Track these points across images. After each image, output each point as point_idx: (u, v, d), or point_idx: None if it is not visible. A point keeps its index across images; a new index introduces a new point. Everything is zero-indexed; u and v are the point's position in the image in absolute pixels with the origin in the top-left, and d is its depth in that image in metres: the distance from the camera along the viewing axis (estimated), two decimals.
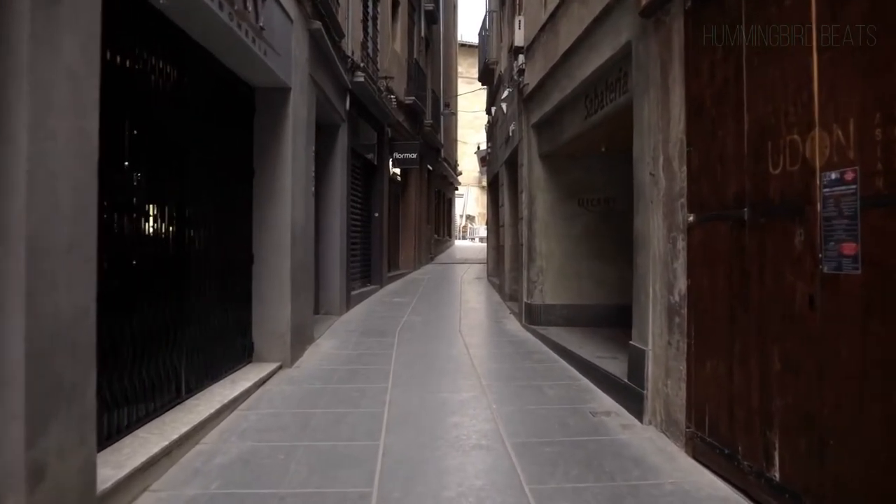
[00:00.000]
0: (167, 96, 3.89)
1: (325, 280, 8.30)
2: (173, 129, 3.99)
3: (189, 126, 4.22)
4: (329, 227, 8.31)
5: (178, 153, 4.08)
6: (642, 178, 4.04)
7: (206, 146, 4.55)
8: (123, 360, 3.33)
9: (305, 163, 6.10)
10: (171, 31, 3.88)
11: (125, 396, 3.33)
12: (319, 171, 8.29)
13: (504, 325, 7.81)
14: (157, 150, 3.81)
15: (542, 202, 7.24)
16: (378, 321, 8.03)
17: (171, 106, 3.96)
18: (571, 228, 7.19)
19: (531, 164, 7.38)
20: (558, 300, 7.16)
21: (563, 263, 7.18)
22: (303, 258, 5.97)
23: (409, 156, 12.52)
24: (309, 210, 6.40)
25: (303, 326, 5.97)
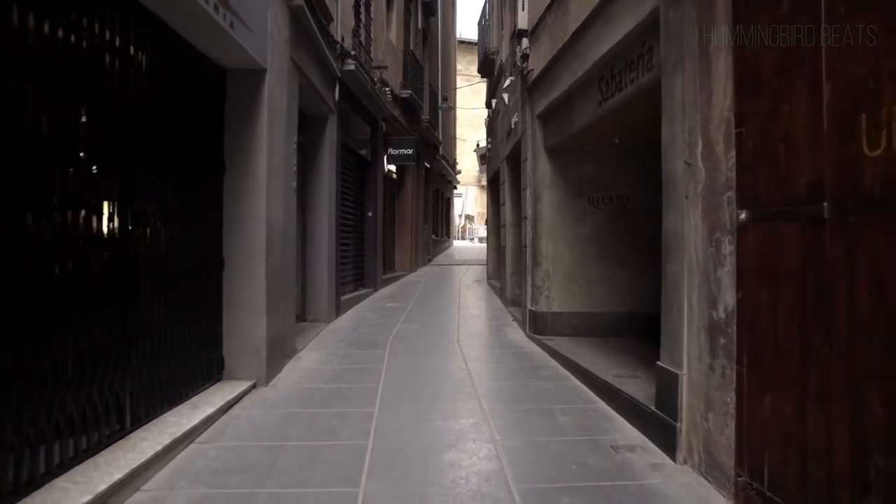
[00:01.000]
0: (111, 72, 3.26)
1: (311, 285, 7.66)
2: (121, 114, 3.36)
3: (142, 110, 3.59)
4: (316, 228, 7.67)
5: (128, 142, 3.44)
6: (673, 169, 3.40)
7: (165, 134, 3.92)
8: (45, 389, 2.70)
9: (285, 156, 5.46)
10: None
11: (43, 435, 2.69)
12: (305, 166, 7.66)
13: (506, 334, 7.17)
14: (101, 138, 3.18)
15: (548, 200, 6.60)
16: (369, 330, 7.38)
17: (118, 84, 3.33)
18: (581, 229, 6.55)
19: (536, 158, 6.74)
20: (566, 307, 6.52)
21: (571, 267, 6.54)
22: (281, 262, 5.32)
23: (404, 151, 11.87)
24: (290, 208, 5.75)
25: (282, 338, 5.33)
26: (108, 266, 3.29)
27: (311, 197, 7.68)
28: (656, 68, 3.81)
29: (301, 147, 7.56)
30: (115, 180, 3.35)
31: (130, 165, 3.48)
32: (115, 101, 3.33)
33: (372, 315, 8.47)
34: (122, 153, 3.39)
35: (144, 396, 3.55)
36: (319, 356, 5.90)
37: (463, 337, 6.90)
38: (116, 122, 3.34)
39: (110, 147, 3.29)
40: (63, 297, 2.87)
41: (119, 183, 3.38)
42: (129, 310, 3.44)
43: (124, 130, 3.41)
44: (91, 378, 3.05)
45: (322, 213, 7.68)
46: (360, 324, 7.79)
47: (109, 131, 3.28)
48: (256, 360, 4.81)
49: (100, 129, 3.20)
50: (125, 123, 3.42)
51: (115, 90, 3.33)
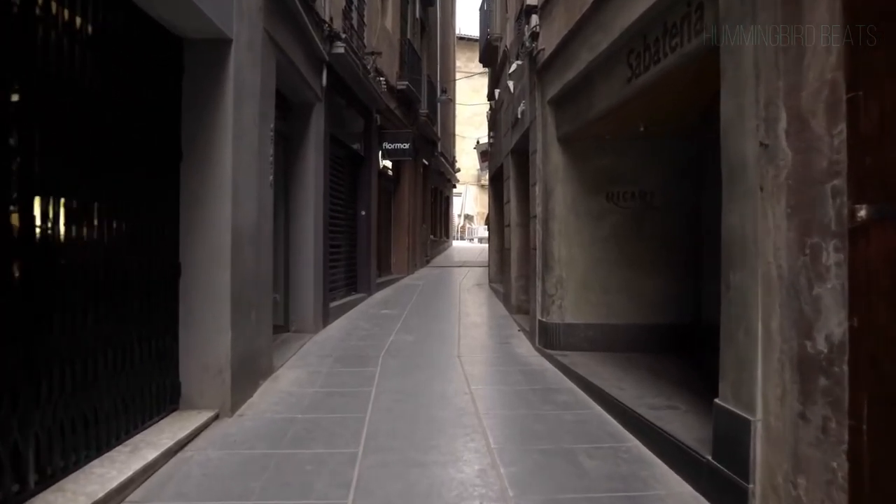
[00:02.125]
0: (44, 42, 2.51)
1: (295, 291, 6.89)
2: (48, 88, 2.63)
3: (76, 84, 2.86)
4: (301, 228, 6.90)
5: (55, 122, 2.71)
6: (740, 153, 2.63)
7: (107, 114, 3.19)
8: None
9: (258, 144, 4.69)
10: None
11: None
12: (289, 158, 6.90)
13: (513, 346, 6.40)
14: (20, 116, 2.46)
15: (560, 197, 5.83)
16: (359, 341, 6.61)
17: (45, 55, 2.61)
18: (598, 229, 5.78)
19: (547, 149, 5.98)
20: (582, 318, 5.75)
21: (587, 273, 5.77)
22: (253, 267, 4.55)
23: (400, 146, 11.10)
24: (265, 205, 4.98)
25: (253, 356, 4.55)
26: (5, 275, 2.53)
27: (295, 193, 6.91)
28: (709, 29, 3.05)
29: (283, 137, 6.81)
30: (29, 167, 2.60)
31: (56, 150, 2.74)
32: (43, 75, 2.61)
33: (364, 324, 7.69)
34: (47, 135, 2.66)
35: (60, 443, 2.78)
36: (300, 375, 5.13)
37: (464, 350, 6.13)
38: (41, 99, 2.61)
39: (27, 127, 2.55)
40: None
41: (39, 171, 2.64)
42: (39, 330, 2.67)
43: (52, 108, 2.68)
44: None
45: (307, 212, 6.91)
46: (351, 334, 7.01)
47: (30, 109, 2.55)
48: (219, 385, 4.04)
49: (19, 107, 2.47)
50: (52, 100, 2.69)
51: (43, 61, 2.62)
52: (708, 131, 4.86)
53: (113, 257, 3.34)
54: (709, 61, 3.04)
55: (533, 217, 6.45)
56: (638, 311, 5.67)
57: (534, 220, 6.37)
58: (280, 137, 6.78)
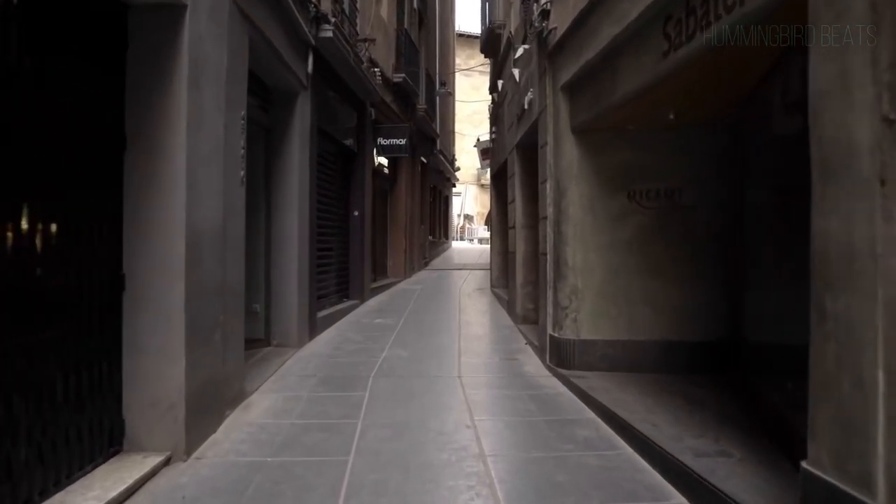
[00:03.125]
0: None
1: (278, 301, 6.19)
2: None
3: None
4: (284, 230, 6.20)
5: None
6: (846, 134, 1.94)
7: (27, 94, 2.51)
8: None
9: (224, 133, 3.98)
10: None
11: None
12: (270, 152, 6.20)
13: (520, 364, 5.70)
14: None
15: (575, 195, 5.14)
16: (348, 358, 5.91)
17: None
18: (618, 232, 5.08)
19: (559, 142, 5.28)
20: (600, 334, 5.05)
21: (606, 282, 5.07)
22: (216, 278, 3.85)
23: (397, 142, 10.40)
24: (235, 204, 4.28)
25: (216, 385, 3.85)
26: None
27: (277, 191, 6.21)
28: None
29: (263, 129, 6.12)
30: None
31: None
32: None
33: (355, 336, 6.99)
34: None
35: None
36: (276, 402, 4.43)
37: (466, 370, 5.43)
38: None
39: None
40: None
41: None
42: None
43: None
44: None
45: (290, 212, 6.21)
46: (339, 349, 6.31)
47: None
48: (171, 422, 3.35)
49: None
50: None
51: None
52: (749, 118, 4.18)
53: (36, 269, 2.67)
54: (784, 16, 2.36)
55: (542, 218, 5.75)
56: (664, 325, 4.97)
57: (544, 221, 5.67)
58: (259, 129, 6.09)
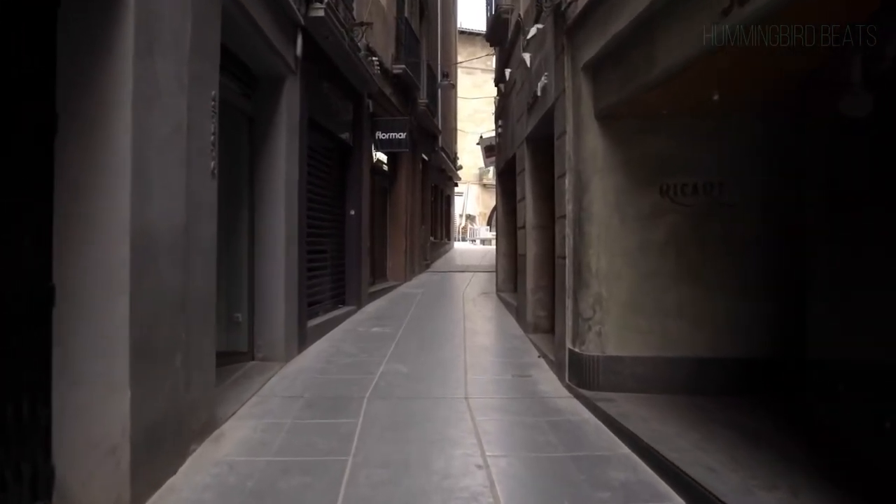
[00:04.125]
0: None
1: (263, 309, 5.54)
2: None
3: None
4: (269, 231, 5.55)
5: None
6: None
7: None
8: None
9: (187, 115, 3.33)
10: None
11: None
12: (254, 144, 5.57)
13: (535, 382, 5.04)
14: None
15: (599, 191, 4.49)
16: (341, 374, 5.26)
17: None
18: (649, 233, 4.43)
19: (580, 130, 4.62)
20: (628, 350, 4.40)
21: (635, 290, 4.42)
22: (175, 288, 3.20)
23: (396, 136, 9.74)
24: (203, 201, 3.63)
25: (175, 418, 3.20)
26: None
27: (262, 188, 5.56)
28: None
29: (246, 118, 5.48)
30: None
31: None
32: None
33: (349, 347, 6.33)
34: None
35: None
36: (253, 432, 3.78)
37: (474, 389, 4.78)
38: None
39: None
40: None
41: None
42: None
43: None
44: None
45: (277, 211, 5.56)
46: (331, 363, 5.66)
47: None
48: (112, 468, 2.70)
49: None
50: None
51: None
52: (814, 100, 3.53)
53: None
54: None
55: (559, 218, 5.10)
56: (702, 340, 4.32)
57: (561, 221, 5.02)
58: (241, 118, 5.46)
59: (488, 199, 37.34)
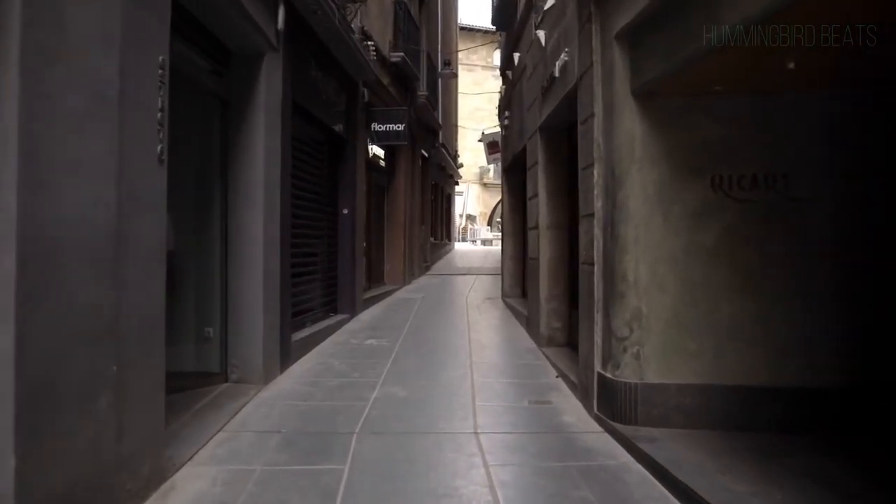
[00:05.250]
0: None
1: (236, 324, 4.77)
2: None
3: None
4: (244, 232, 4.78)
5: None
6: None
7: None
8: None
9: (118, 79, 2.56)
10: None
11: None
12: (229, 131, 4.81)
13: (556, 411, 4.27)
14: None
15: (637, 185, 3.72)
16: (327, 401, 4.48)
17: None
18: (698, 234, 3.67)
19: (613, 112, 3.86)
20: (673, 376, 3.64)
21: (681, 304, 3.66)
22: (97, 309, 2.43)
23: (394, 127, 8.98)
24: (145, 193, 2.85)
25: (97, 481, 2.43)
26: None
27: (237, 183, 4.79)
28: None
29: (219, 100, 4.72)
30: None
31: None
32: None
33: (340, 364, 5.56)
34: None
35: None
36: (212, 486, 3.00)
37: (485, 420, 4.01)
38: None
39: None
40: None
41: None
42: None
43: None
44: None
45: (254, 209, 4.79)
46: (317, 385, 4.88)
47: None
48: None
49: None
50: None
51: None
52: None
53: None
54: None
55: (584, 217, 4.34)
56: (765, 365, 3.56)
57: (587, 220, 4.26)
58: (213, 101, 4.70)
59: (489, 199, 36.59)
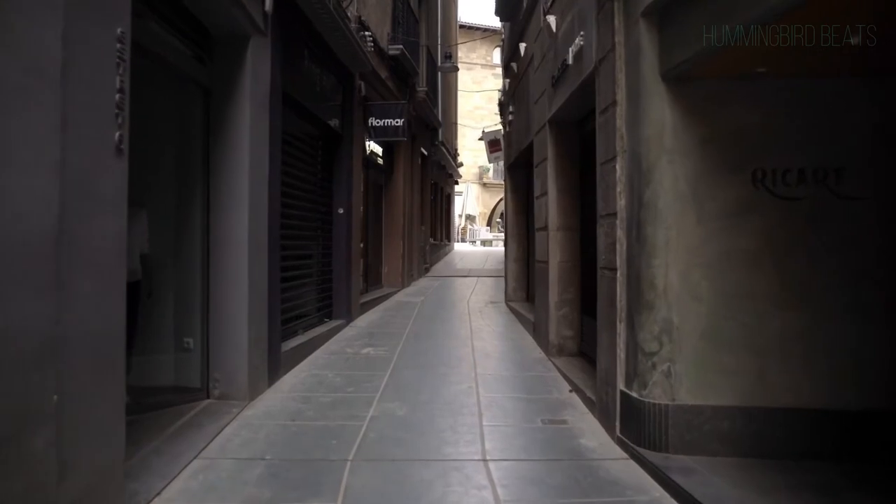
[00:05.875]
0: None
1: (219, 334, 4.33)
2: None
3: None
4: (228, 234, 4.34)
5: None
6: None
7: None
8: None
9: (61, 50, 2.13)
10: None
11: None
12: (211, 122, 4.38)
13: (573, 433, 3.84)
14: None
15: (668, 179, 3.29)
16: (319, 420, 4.04)
17: None
18: (737, 237, 3.24)
19: (639, 97, 3.43)
20: (710, 397, 3.21)
21: (718, 315, 3.23)
22: (27, 329, 1.99)
23: (392, 122, 8.53)
24: (99, 187, 2.41)
25: None
26: None
27: (220, 179, 4.36)
28: None
29: (201, 89, 4.30)
30: None
31: None
32: None
33: (333, 377, 5.12)
34: None
35: None
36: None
37: (494, 445, 3.57)
38: None
39: None
40: None
41: None
42: None
43: None
44: None
45: (239, 208, 4.35)
46: (308, 402, 4.44)
47: None
48: None
49: None
50: None
51: None
52: None
53: None
54: None
55: (604, 217, 3.91)
56: (815, 385, 3.13)
57: (607, 221, 3.83)
58: (194, 89, 4.27)
59: (488, 199, 36.16)
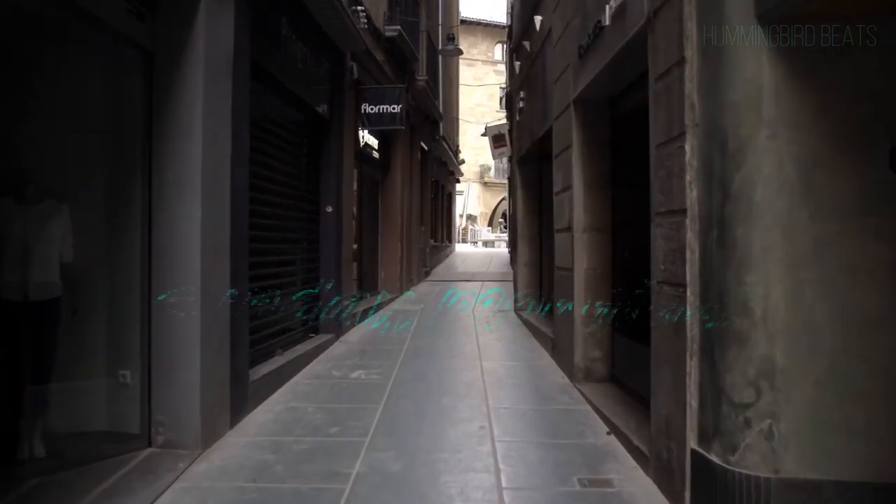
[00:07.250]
0: None
1: (164, 364, 3.39)
2: None
3: None
4: (174, 238, 3.40)
5: None
6: None
7: None
8: None
9: None
10: None
11: None
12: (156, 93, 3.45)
13: (623, 501, 2.90)
14: None
15: (768, 162, 2.36)
16: (288, 482, 3.09)
17: None
18: (867, 242, 2.31)
19: (722, 52, 2.50)
20: (832, 469, 2.27)
21: (843, 352, 2.30)
22: None
23: (388, 109, 7.59)
24: None
25: None
26: None
27: (165, 166, 3.42)
28: None
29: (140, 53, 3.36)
30: None
31: None
32: None
33: (313, 412, 4.17)
34: None
35: None
36: None
37: None
38: None
39: None
40: None
41: None
42: None
43: None
44: None
45: (189, 204, 3.41)
46: (278, 451, 3.47)
47: None
48: None
49: None
50: None
51: None
52: None
53: None
54: None
55: (665, 214, 2.97)
56: None
57: (668, 220, 2.90)
58: (131, 51, 3.33)
59: (490, 199, 35.26)
